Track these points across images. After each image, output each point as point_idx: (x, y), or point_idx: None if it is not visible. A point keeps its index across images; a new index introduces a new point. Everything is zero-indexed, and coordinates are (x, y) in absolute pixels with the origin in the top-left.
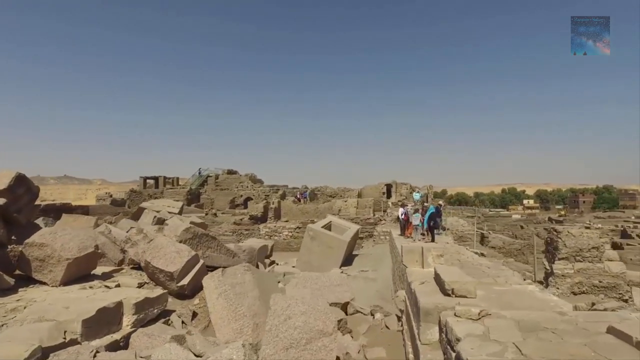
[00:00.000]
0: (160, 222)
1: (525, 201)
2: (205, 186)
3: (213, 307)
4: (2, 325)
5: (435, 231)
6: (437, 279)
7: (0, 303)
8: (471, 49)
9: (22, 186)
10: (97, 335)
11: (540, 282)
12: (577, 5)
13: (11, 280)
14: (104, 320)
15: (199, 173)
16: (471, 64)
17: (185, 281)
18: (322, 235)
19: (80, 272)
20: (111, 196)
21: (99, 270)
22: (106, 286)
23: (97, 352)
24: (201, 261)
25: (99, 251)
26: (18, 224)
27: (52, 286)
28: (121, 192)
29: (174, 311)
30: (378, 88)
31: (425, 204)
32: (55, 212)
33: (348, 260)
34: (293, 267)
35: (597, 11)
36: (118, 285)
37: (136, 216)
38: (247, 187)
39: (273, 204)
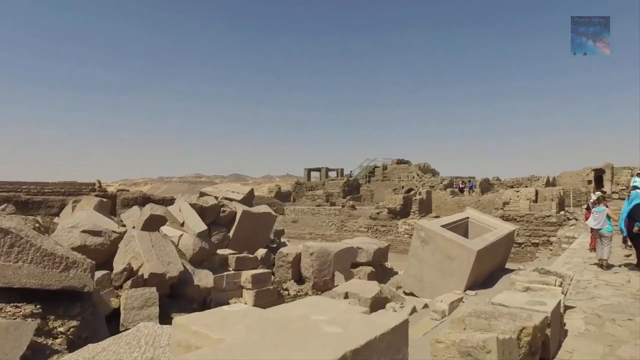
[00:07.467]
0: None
1: None
2: (370, 177)
3: None
4: None
5: None
6: None
7: None
8: None
9: None
10: None
11: None
12: None
13: None
14: None
15: (350, 173)
16: None
17: None
18: (437, 238)
19: None
20: (280, 189)
21: None
22: None
23: None
24: None
25: None
26: None
27: None
28: (288, 185)
29: None
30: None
31: None
32: None
33: (489, 279)
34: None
35: None
36: None
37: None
38: (414, 177)
39: (419, 194)
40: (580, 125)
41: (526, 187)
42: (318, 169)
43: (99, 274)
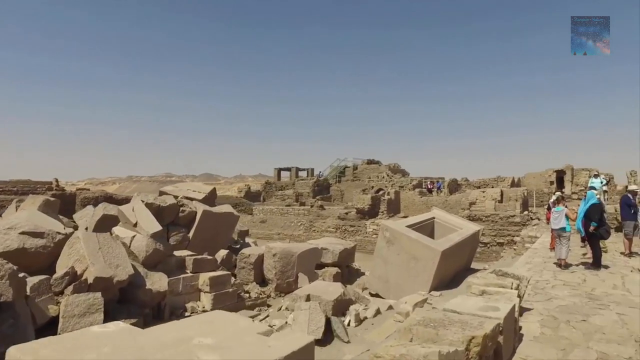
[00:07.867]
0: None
1: None
2: (340, 177)
3: None
4: None
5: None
6: None
7: None
8: None
9: None
10: None
11: None
12: None
13: None
14: None
15: (320, 174)
16: None
17: None
18: (403, 239)
19: None
20: (249, 188)
21: None
22: None
23: None
24: None
25: None
26: None
27: None
28: (258, 184)
29: None
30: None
31: (597, 191)
32: None
33: (454, 279)
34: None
35: None
36: None
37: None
38: (384, 177)
39: (388, 194)
40: (546, 126)
41: (492, 187)
42: (288, 169)
43: (36, 279)
